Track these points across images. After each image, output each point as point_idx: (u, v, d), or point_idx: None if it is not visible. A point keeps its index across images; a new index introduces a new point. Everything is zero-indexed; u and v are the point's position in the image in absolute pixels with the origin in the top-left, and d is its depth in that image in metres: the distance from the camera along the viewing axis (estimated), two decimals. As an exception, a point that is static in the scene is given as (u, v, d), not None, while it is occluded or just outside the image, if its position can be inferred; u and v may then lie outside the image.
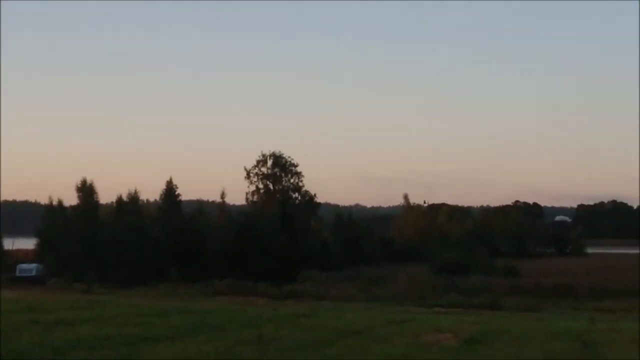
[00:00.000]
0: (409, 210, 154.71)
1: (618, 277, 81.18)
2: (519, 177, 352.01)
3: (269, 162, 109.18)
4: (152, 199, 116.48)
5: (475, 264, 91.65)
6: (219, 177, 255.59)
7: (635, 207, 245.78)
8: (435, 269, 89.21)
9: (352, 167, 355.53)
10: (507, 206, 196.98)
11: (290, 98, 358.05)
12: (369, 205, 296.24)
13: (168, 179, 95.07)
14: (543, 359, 23.90)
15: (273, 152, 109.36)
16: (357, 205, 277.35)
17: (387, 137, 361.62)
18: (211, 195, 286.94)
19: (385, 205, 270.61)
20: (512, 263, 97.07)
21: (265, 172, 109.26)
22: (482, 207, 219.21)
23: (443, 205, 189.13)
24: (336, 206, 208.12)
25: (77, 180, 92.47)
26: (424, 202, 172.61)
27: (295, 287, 74.79)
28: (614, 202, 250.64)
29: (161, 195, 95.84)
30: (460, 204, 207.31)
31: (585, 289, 72.92)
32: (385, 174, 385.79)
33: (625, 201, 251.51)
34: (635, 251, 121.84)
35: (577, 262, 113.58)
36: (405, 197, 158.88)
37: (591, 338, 32.19)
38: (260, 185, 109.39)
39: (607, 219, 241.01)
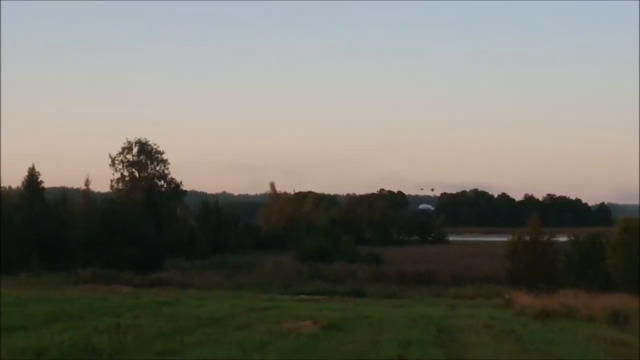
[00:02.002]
0: (275, 198, 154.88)
1: (478, 265, 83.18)
2: (384, 166, 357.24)
3: (135, 149, 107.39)
4: (14, 186, 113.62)
5: (340, 251, 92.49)
6: (83, 164, 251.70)
7: (495, 195, 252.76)
8: (300, 257, 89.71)
9: (219, 154, 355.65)
10: (372, 194, 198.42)
11: (156, 84, 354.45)
12: (235, 193, 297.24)
13: (30, 165, 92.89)
14: (398, 343, 24.36)
15: (139, 139, 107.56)
16: (224, 193, 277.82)
17: (255, 125, 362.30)
18: (75, 182, 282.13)
19: (252, 193, 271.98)
20: (376, 250, 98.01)
21: (131, 159, 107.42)
22: (348, 195, 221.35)
23: (309, 193, 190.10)
24: (203, 194, 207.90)
25: None
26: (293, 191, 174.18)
27: (160, 275, 74.13)
28: (475, 191, 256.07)
29: (23, 182, 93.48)
30: (326, 192, 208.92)
31: (447, 276, 74.64)
32: (253, 161, 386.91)
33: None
34: (495, 239, 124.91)
35: (439, 250, 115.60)
36: (272, 185, 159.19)
37: (447, 324, 33.18)
38: (126, 173, 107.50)
39: (469, 208, 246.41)
